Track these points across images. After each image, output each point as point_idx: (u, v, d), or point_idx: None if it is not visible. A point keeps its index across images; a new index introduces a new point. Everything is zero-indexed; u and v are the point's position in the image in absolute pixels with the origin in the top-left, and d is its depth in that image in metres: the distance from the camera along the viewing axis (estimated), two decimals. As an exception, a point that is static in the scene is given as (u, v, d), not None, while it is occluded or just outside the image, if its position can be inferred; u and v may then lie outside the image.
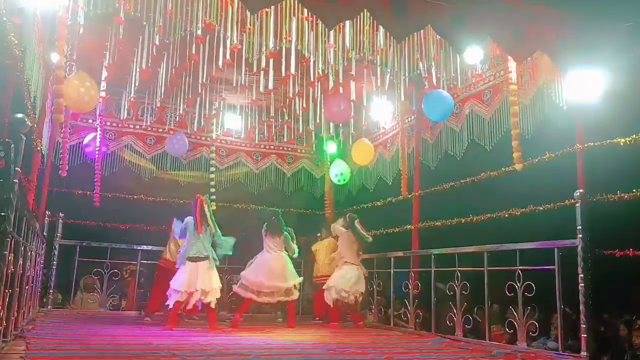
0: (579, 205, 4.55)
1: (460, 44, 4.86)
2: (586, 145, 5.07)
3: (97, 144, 7.87)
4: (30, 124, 3.52)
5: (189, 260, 5.86)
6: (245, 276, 6.45)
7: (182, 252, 5.97)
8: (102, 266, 7.33)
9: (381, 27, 5.18)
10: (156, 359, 3.78)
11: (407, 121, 7.67)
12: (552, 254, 4.61)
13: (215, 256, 5.99)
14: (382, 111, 7.60)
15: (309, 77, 6.38)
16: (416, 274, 6.49)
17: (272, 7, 4.95)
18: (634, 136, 4.63)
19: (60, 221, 7.20)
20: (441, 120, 6.49)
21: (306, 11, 5.09)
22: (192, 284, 5.77)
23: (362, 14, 5.00)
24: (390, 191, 7.96)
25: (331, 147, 9.03)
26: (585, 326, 4.25)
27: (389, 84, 6.24)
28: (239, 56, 5.62)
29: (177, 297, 5.78)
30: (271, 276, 6.37)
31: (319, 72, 6.04)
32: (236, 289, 6.54)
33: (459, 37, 4.74)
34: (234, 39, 5.24)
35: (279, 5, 4.96)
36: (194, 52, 5.61)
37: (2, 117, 4.24)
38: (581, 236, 4.42)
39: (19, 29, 4.43)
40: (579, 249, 4.41)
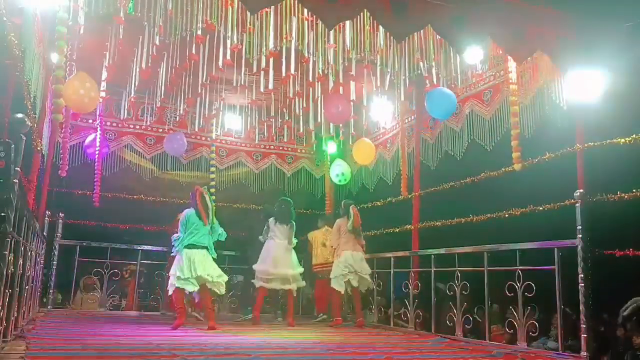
0: (579, 205, 4.55)
1: (460, 44, 4.85)
2: (586, 145, 5.07)
3: (97, 144, 7.87)
4: (30, 124, 3.53)
5: (187, 248, 5.79)
6: (255, 267, 6.68)
7: (179, 240, 5.88)
8: (102, 266, 7.33)
9: (381, 27, 5.19)
10: (156, 359, 3.78)
11: (407, 121, 7.67)
12: (552, 254, 4.60)
13: (213, 250, 6.01)
14: (382, 111, 7.60)
15: (309, 77, 6.38)
16: (416, 274, 6.48)
17: (272, 7, 4.96)
18: (634, 136, 4.64)
19: (60, 221, 7.20)
20: (444, 118, 6.47)
21: (306, 11, 5.10)
22: (193, 269, 5.71)
23: (362, 14, 5.01)
24: (390, 191, 7.96)
25: (331, 147, 9.02)
26: (585, 326, 4.25)
27: (389, 84, 6.24)
28: (239, 56, 5.63)
29: (177, 283, 5.71)
30: (276, 263, 6.56)
31: (319, 72, 6.05)
32: (255, 281, 6.72)
33: (459, 37, 4.73)
34: (234, 39, 5.24)
35: (279, 5, 4.96)
36: (194, 52, 5.61)
37: (2, 117, 4.25)
38: (581, 236, 4.41)
39: (19, 29, 4.43)
40: (579, 249, 4.40)
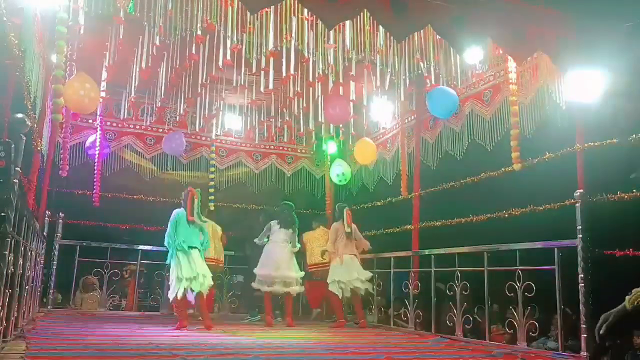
0: (579, 205, 4.55)
1: (460, 44, 4.85)
2: (586, 145, 5.07)
3: (97, 145, 7.87)
4: (30, 124, 3.53)
5: (184, 249, 5.84)
6: (257, 272, 6.69)
7: (171, 242, 5.92)
8: (102, 266, 7.34)
9: (381, 27, 5.18)
10: (156, 358, 3.78)
11: (407, 121, 7.67)
12: (552, 254, 4.60)
13: (201, 248, 6.03)
14: (382, 111, 7.60)
15: (309, 77, 6.38)
16: (416, 274, 6.48)
17: (272, 7, 4.96)
18: (634, 136, 4.63)
19: (60, 221, 7.21)
20: (446, 116, 6.47)
21: (306, 11, 5.10)
22: (192, 269, 5.77)
23: (362, 14, 5.00)
24: (390, 191, 7.95)
25: (331, 147, 9.02)
26: (585, 326, 4.25)
27: (389, 84, 6.24)
28: (239, 56, 5.63)
29: (182, 285, 5.73)
30: (277, 266, 6.57)
31: (319, 73, 6.04)
32: (255, 285, 6.74)
33: (459, 37, 4.73)
34: (234, 39, 5.24)
35: (279, 5, 4.96)
36: (194, 52, 5.61)
37: (2, 117, 4.25)
38: (581, 236, 4.41)
39: (19, 29, 4.43)
40: (579, 249, 4.40)
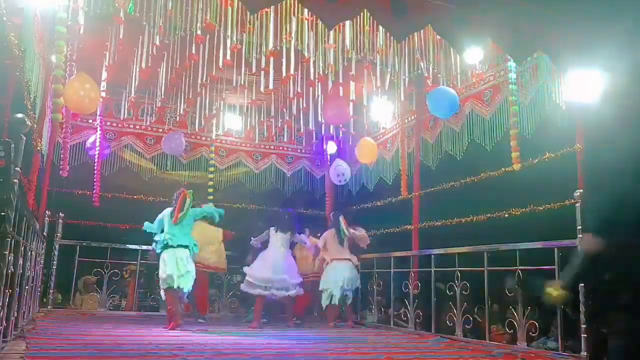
0: (579, 205, 4.55)
1: (460, 44, 4.85)
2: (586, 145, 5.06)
3: (97, 145, 7.87)
4: (30, 124, 3.53)
5: (171, 247, 5.84)
6: (250, 273, 6.57)
7: (160, 241, 5.94)
8: (102, 266, 7.33)
9: (381, 27, 5.18)
10: (156, 359, 3.79)
11: (407, 121, 7.67)
12: (552, 254, 4.60)
13: (192, 247, 6.02)
14: (382, 111, 7.60)
15: (309, 77, 6.38)
16: (416, 274, 6.48)
17: (272, 7, 4.95)
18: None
19: (60, 221, 7.20)
20: (446, 116, 6.47)
21: (306, 11, 5.10)
22: (171, 267, 5.75)
23: (362, 14, 5.00)
24: (390, 191, 7.95)
25: (331, 147, 9.02)
26: (585, 326, 4.25)
27: (389, 84, 6.24)
28: (239, 56, 5.63)
29: (168, 283, 5.75)
30: (276, 270, 6.52)
31: (319, 73, 6.04)
32: (243, 287, 6.65)
33: (459, 37, 4.73)
34: (234, 38, 5.24)
35: (279, 5, 4.96)
36: (194, 52, 5.61)
37: (2, 117, 4.25)
38: (581, 236, 4.41)
39: (19, 29, 4.43)
40: (579, 249, 4.40)
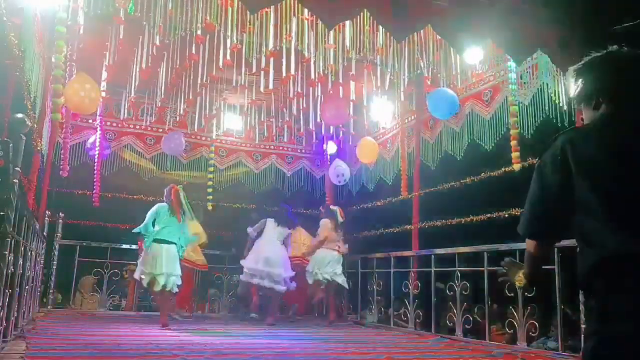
0: (579, 205, 4.53)
1: (460, 44, 4.85)
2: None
3: (97, 145, 7.87)
4: (30, 124, 3.52)
5: (154, 242, 5.80)
6: (246, 265, 6.69)
7: (148, 234, 5.90)
8: (102, 266, 7.33)
9: (381, 27, 5.18)
10: (156, 358, 3.79)
11: (407, 121, 7.67)
12: (552, 254, 4.60)
13: (182, 245, 6.01)
14: (382, 111, 7.60)
15: (309, 77, 6.38)
16: (416, 274, 6.48)
17: (272, 7, 4.95)
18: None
19: (60, 221, 7.20)
20: (447, 117, 6.47)
21: (306, 11, 5.10)
22: (159, 265, 5.69)
23: (362, 14, 5.00)
24: (390, 191, 7.95)
25: (331, 147, 9.02)
26: (585, 326, 4.25)
27: (389, 84, 6.24)
28: (239, 56, 5.63)
29: (147, 279, 5.73)
30: (268, 262, 6.57)
31: (319, 73, 6.04)
32: (242, 278, 6.76)
33: (459, 38, 4.73)
34: (234, 38, 5.24)
35: (279, 5, 4.96)
36: (194, 52, 5.61)
37: (2, 117, 4.25)
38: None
39: (19, 29, 4.43)
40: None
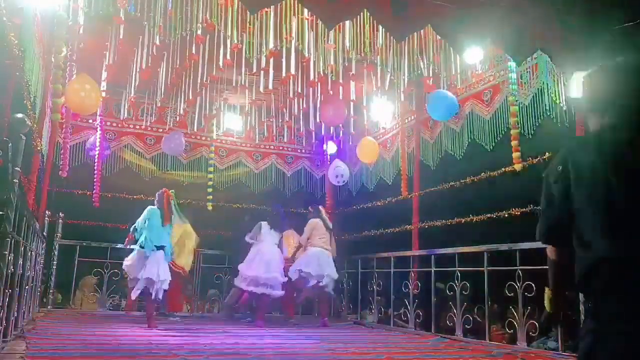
0: (579, 205, 4.53)
1: (460, 44, 4.84)
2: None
3: (97, 145, 7.87)
4: (30, 124, 3.52)
5: (147, 247, 5.76)
6: (242, 270, 6.63)
7: (145, 239, 5.84)
8: (102, 266, 7.33)
9: (381, 27, 5.18)
10: (156, 359, 3.79)
11: (407, 121, 7.67)
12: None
13: (168, 247, 5.99)
14: (382, 111, 7.60)
15: (309, 77, 6.38)
16: (416, 274, 6.48)
17: (272, 7, 4.95)
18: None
19: (60, 221, 7.20)
20: (446, 119, 6.47)
21: (306, 11, 5.10)
22: (154, 272, 5.67)
23: (362, 14, 5.00)
24: (390, 191, 7.95)
25: (331, 147, 9.02)
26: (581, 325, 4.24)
27: (389, 84, 6.24)
28: (239, 56, 5.63)
29: (140, 285, 5.71)
30: (268, 268, 6.53)
31: (320, 73, 6.04)
32: (237, 282, 6.71)
33: (459, 38, 4.72)
34: (234, 38, 5.24)
35: (279, 5, 4.96)
36: (194, 52, 5.61)
37: (2, 117, 4.24)
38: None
39: (19, 29, 4.42)
40: (579, 249, 4.39)
